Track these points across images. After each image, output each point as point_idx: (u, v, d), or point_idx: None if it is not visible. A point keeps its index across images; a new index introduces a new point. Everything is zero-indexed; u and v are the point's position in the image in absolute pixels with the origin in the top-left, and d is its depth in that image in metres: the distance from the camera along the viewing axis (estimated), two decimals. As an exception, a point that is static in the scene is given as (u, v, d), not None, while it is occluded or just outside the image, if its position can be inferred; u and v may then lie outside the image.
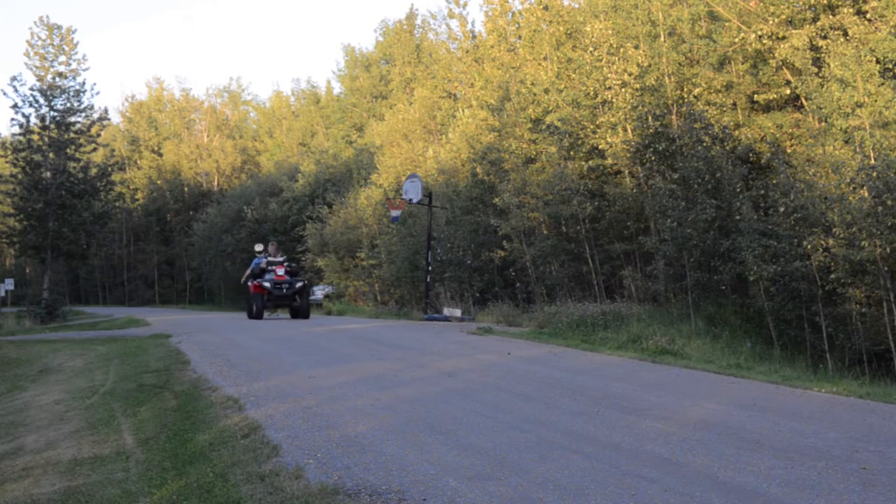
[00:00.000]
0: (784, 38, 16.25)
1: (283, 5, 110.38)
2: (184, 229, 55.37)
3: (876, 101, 14.19)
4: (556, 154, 20.25)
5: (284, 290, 20.77)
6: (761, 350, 13.20)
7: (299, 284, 21.15)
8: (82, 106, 34.71)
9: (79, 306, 48.00)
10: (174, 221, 57.81)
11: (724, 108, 18.08)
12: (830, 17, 15.87)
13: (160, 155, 59.95)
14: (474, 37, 36.15)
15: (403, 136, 34.96)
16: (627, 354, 11.59)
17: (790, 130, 17.08)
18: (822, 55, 15.57)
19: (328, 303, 31.05)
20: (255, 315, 20.39)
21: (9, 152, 33.11)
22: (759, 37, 16.51)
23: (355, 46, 55.99)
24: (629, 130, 18.18)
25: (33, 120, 33.44)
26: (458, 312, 19.79)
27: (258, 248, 23.08)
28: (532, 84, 22.46)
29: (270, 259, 21.41)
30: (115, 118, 60.15)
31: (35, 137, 33.20)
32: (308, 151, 50.94)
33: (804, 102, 16.46)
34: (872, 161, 13.10)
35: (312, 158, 46.39)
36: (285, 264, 21.46)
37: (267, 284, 20.64)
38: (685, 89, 18.46)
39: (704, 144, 16.02)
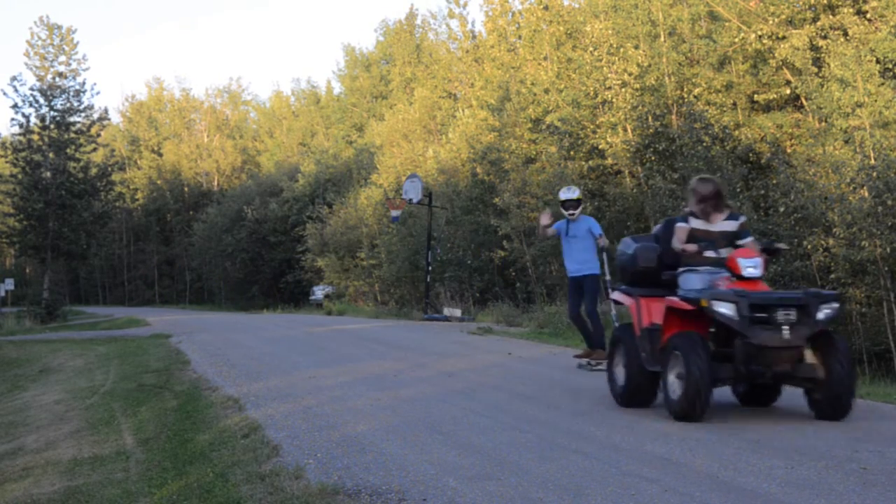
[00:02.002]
0: (784, 38, 16.25)
1: (283, 5, 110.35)
2: (184, 229, 55.35)
3: (876, 101, 14.19)
4: (557, 154, 20.25)
5: (786, 332, 6.15)
6: (761, 350, 13.17)
7: (825, 312, 6.29)
8: (82, 106, 34.74)
9: (79, 306, 48.00)
10: (174, 221, 57.80)
11: (724, 108, 18.07)
12: (830, 17, 15.88)
13: (160, 155, 59.94)
14: (474, 37, 36.11)
15: (403, 136, 34.94)
16: (627, 354, 11.56)
17: (790, 130, 17.09)
18: (822, 55, 15.57)
19: (328, 303, 31.05)
20: (688, 405, 6.29)
21: (9, 152, 33.15)
22: (759, 37, 16.52)
23: (355, 46, 55.93)
24: (629, 130, 18.18)
25: (33, 120, 33.45)
26: (458, 312, 19.77)
27: (569, 193, 10.53)
28: (532, 84, 22.44)
29: (703, 228, 6.81)
30: (115, 118, 60.12)
31: (35, 137, 33.21)
32: (308, 151, 50.91)
33: (804, 102, 16.46)
34: (872, 161, 13.11)
35: (312, 158, 46.37)
36: (759, 247, 6.84)
37: (726, 311, 6.19)
38: (685, 89, 18.46)
39: (704, 144, 16.02)
